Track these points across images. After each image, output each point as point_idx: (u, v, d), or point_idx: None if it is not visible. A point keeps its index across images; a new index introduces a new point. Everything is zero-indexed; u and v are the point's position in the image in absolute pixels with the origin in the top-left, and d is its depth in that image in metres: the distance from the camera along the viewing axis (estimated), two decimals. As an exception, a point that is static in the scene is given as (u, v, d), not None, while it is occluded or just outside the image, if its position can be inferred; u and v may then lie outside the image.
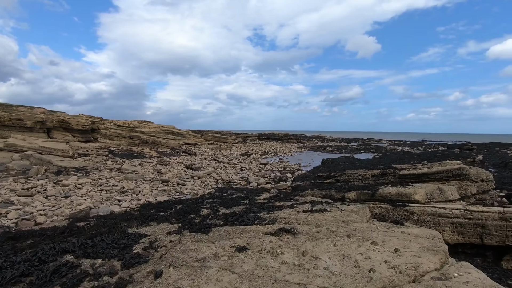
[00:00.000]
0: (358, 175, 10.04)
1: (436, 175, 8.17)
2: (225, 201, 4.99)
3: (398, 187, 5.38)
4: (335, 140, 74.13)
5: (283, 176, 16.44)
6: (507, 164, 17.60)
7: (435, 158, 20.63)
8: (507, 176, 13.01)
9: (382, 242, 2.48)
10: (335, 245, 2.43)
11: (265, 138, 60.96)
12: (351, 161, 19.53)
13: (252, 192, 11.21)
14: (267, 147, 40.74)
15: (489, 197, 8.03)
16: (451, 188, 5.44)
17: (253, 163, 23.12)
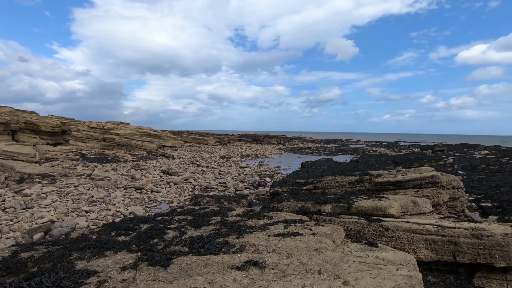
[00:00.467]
0: (335, 182, 10.03)
1: (410, 183, 8.29)
2: (195, 218, 4.68)
3: (374, 199, 5.30)
4: (314, 141, 75.22)
5: (262, 181, 16.27)
6: (475, 167, 18.44)
7: (410, 161, 21.27)
8: (475, 179, 13.55)
9: (354, 280, 2.31)
10: (304, 287, 2.23)
11: (246, 139, 60.71)
12: (330, 164, 19.71)
13: (229, 199, 10.97)
14: (247, 149, 40.50)
15: (460, 203, 8.24)
16: (425, 201, 5.45)
17: (232, 166, 22.79)
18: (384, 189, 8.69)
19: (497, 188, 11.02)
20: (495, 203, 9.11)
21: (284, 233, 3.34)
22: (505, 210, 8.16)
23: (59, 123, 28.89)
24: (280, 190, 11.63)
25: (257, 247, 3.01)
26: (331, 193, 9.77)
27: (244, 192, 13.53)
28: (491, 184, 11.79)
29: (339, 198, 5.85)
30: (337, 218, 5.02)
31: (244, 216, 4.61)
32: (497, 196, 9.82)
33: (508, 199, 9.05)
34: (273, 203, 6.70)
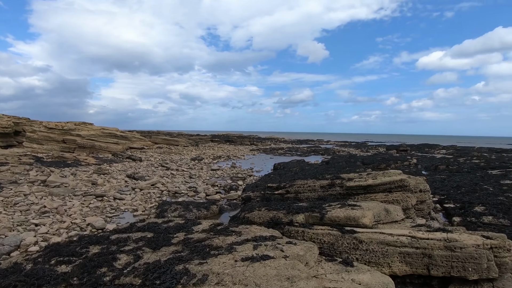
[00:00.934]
0: (307, 186, 9.90)
1: (380, 187, 8.34)
2: (156, 236, 4.19)
3: (347, 208, 5.13)
4: (287, 142, 76.10)
5: (234, 184, 15.85)
6: (437, 168, 19.47)
7: (377, 162, 21.96)
8: (437, 180, 14.18)
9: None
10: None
11: (218, 140, 59.81)
12: (302, 166, 19.78)
13: (198, 206, 10.43)
14: (219, 150, 39.82)
15: (427, 206, 8.44)
16: (396, 208, 5.39)
17: (203, 169, 22.11)
18: (355, 193, 8.70)
19: (458, 189, 11.55)
20: (457, 204, 9.48)
21: (253, 256, 2.99)
22: (466, 211, 8.48)
23: (11, 123, 26.35)
24: (252, 195, 11.32)
25: (221, 277, 2.63)
26: (303, 197, 9.63)
27: (215, 197, 13.03)
28: (452, 185, 12.35)
29: (311, 207, 5.62)
30: (310, 229, 4.78)
31: (210, 232, 4.20)
32: (458, 197, 10.26)
33: (469, 200, 9.46)
34: (244, 212, 6.34)
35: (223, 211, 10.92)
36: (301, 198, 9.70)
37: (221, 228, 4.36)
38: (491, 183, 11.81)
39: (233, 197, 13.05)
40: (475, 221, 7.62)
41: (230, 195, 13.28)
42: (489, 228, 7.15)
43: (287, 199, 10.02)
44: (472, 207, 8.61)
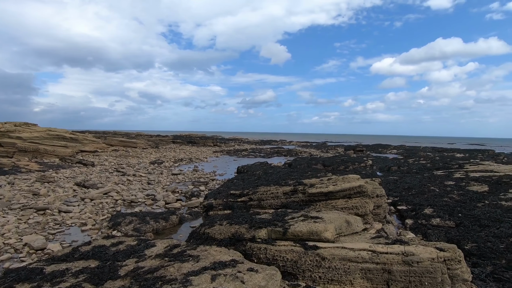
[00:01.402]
0: (270, 193, 9.82)
1: (341, 193, 8.53)
2: (101, 266, 3.69)
3: (309, 221, 5.06)
4: (250, 142, 76.35)
5: (195, 190, 15.28)
6: (390, 169, 20.78)
7: (337, 164, 22.75)
8: (391, 181, 15.05)
9: None
10: None
11: (180, 141, 57.86)
12: (265, 169, 19.81)
13: (156, 217, 9.78)
14: (181, 153, 38.51)
15: (383, 210, 8.83)
16: (357, 219, 5.48)
17: (163, 173, 21.09)
18: (317, 199, 8.82)
19: (409, 190, 12.34)
20: (409, 206, 10.08)
21: (211, 292, 2.72)
22: (417, 214, 9.03)
23: None
24: (214, 203, 10.96)
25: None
26: (266, 205, 9.54)
27: (175, 205, 12.40)
28: (404, 186, 13.18)
29: (274, 220, 5.47)
30: (272, 246, 4.61)
31: (165, 258, 3.81)
32: (409, 198, 10.93)
33: (419, 202, 10.11)
34: (204, 227, 5.99)
35: (183, 221, 10.40)
36: (264, 205, 9.61)
37: (177, 252, 3.99)
38: (437, 184, 12.81)
39: (195, 205, 12.54)
40: (425, 223, 8.11)
41: (191, 203, 12.73)
42: (437, 229, 7.66)
43: (250, 206, 9.86)
44: (422, 209, 9.18)
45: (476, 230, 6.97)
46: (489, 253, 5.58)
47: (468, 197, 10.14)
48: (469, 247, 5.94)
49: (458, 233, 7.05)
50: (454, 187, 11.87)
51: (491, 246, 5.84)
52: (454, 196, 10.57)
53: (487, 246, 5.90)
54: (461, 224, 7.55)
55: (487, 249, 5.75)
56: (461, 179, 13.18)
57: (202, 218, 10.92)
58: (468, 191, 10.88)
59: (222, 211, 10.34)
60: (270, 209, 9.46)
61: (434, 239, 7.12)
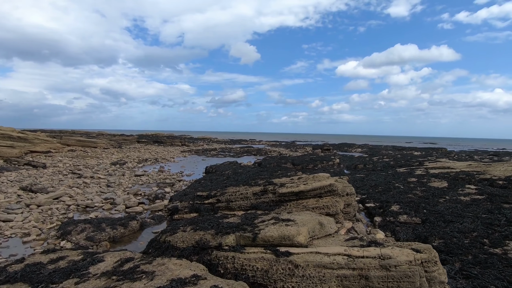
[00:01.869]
0: (239, 194, 9.36)
1: (311, 192, 8.31)
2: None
3: (281, 224, 4.69)
4: (220, 142, 75.27)
5: (160, 192, 14.36)
6: (356, 167, 21.33)
7: (306, 162, 22.89)
8: (358, 179, 15.34)
9: None
10: None
11: (145, 141, 55.23)
12: (234, 169, 19.31)
13: (113, 224, 8.88)
14: (146, 153, 36.64)
15: (353, 208, 8.77)
16: (330, 220, 5.21)
17: (125, 175, 19.72)
18: (288, 199, 8.53)
19: (375, 188, 12.59)
20: (376, 203, 10.20)
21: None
22: (385, 211, 9.11)
23: None
24: (180, 205, 10.25)
25: None
26: (235, 206, 9.06)
27: (136, 209, 11.47)
28: (370, 184, 13.44)
29: (243, 224, 5.03)
30: (241, 254, 4.16)
31: (112, 276, 3.19)
32: (377, 196, 11.11)
33: (386, 199, 10.27)
34: (165, 234, 5.38)
35: (145, 227, 9.59)
36: (233, 207, 9.13)
37: (129, 269, 3.38)
38: (401, 181, 13.23)
39: (159, 208, 11.71)
40: (393, 220, 8.17)
41: (155, 206, 11.87)
42: (405, 226, 7.74)
43: (218, 208, 9.32)
44: (389, 206, 9.30)
45: (441, 226, 7.12)
46: (456, 249, 5.64)
47: (430, 193, 10.50)
48: (437, 244, 5.99)
49: (425, 229, 7.15)
50: (417, 183, 12.31)
51: (457, 242, 5.93)
52: (418, 192, 10.91)
53: (453, 242, 5.99)
54: (427, 220, 7.70)
55: (453, 245, 5.83)
56: (422, 176, 13.75)
57: (166, 222, 10.17)
58: (430, 187, 11.31)
59: (188, 214, 9.69)
60: (239, 210, 9.00)
61: (402, 236, 7.15)
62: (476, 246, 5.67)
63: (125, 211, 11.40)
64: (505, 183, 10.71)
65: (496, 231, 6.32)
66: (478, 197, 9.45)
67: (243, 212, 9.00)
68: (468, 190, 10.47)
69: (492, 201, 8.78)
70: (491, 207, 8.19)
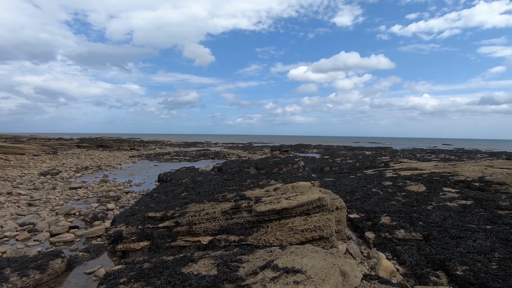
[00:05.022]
0: (205, 214, 7.40)
1: (297, 209, 6.73)
2: None
3: (284, 280, 2.94)
4: (174, 145, 70.92)
5: (101, 210, 11.59)
6: (322, 169, 20.57)
7: (270, 166, 21.42)
8: (329, 183, 14.30)
9: None
10: None
11: (87, 145, 49.10)
12: (193, 176, 17.03)
13: (25, 266, 6.24)
14: (87, 159, 32.01)
15: (343, 225, 7.41)
16: (353, 265, 3.62)
17: (57, 188, 16.16)
18: (267, 219, 6.83)
19: (353, 194, 11.56)
20: (361, 213, 9.04)
21: None
22: (375, 224, 7.94)
23: None
24: (125, 231, 7.91)
25: None
26: (200, 231, 7.08)
27: (65, 237, 8.74)
28: (346, 189, 12.41)
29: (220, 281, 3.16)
30: None
31: None
32: (358, 204, 10.01)
33: (371, 208, 9.19)
34: None
35: (75, 265, 7.06)
36: (197, 231, 7.14)
37: None
38: (376, 185, 12.45)
39: (97, 234, 9.12)
40: (390, 237, 6.98)
41: (92, 231, 9.23)
42: (406, 245, 6.57)
43: (177, 234, 7.25)
44: (379, 218, 8.17)
45: (451, 243, 6.07)
46: (490, 280, 4.51)
47: (413, 199, 9.72)
48: (462, 273, 4.81)
49: (433, 248, 6.02)
50: (394, 187, 11.58)
51: (484, 269, 4.83)
52: (400, 198, 10.08)
53: (478, 268, 4.87)
54: (429, 235, 6.63)
55: (483, 274, 4.70)
56: (395, 179, 13.19)
57: (107, 254, 7.75)
58: (410, 192, 10.59)
59: (137, 243, 7.43)
60: (205, 235, 7.05)
61: (408, 259, 5.93)
62: (511, 275, 4.59)
63: (50, 241, 8.60)
64: (482, 185, 10.44)
65: (519, 250, 5.43)
66: (465, 202, 8.84)
67: (211, 238, 7.06)
68: (450, 194, 9.92)
69: (484, 207, 8.18)
70: (489, 215, 7.50)
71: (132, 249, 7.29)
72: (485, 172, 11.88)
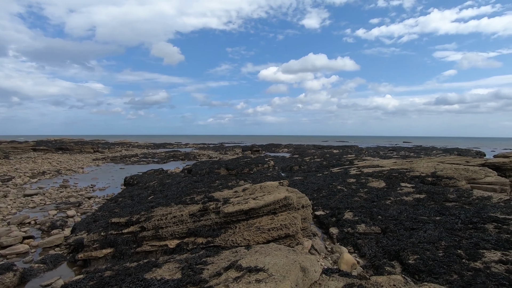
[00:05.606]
0: (172, 217, 7.29)
1: (264, 209, 6.87)
2: None
3: (247, 279, 3.03)
4: (142, 146, 68.41)
5: (60, 218, 10.91)
6: (292, 168, 21.03)
7: (241, 167, 21.51)
8: (298, 182, 14.69)
9: None
10: None
11: (45, 148, 45.75)
12: (161, 179, 16.61)
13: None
14: (45, 163, 29.85)
15: (309, 223, 7.68)
16: (312, 261, 3.79)
17: (9, 195, 14.92)
18: (235, 220, 6.90)
19: (319, 192, 11.98)
20: (326, 210, 9.42)
21: None
22: (339, 220, 8.32)
23: None
24: (87, 239, 7.56)
25: None
26: (167, 234, 6.96)
27: (18, 249, 8.13)
28: (313, 187, 12.83)
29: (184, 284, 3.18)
30: None
31: None
32: (324, 201, 10.41)
33: (336, 205, 9.60)
34: None
35: (29, 277, 6.61)
36: (164, 235, 7.01)
37: None
38: (341, 183, 13.02)
39: (55, 243, 8.58)
40: (352, 231, 7.37)
41: (49, 240, 8.67)
42: (366, 238, 6.98)
43: (142, 239, 7.06)
44: (342, 214, 8.57)
45: (405, 235, 6.57)
46: (437, 267, 4.97)
47: (374, 195, 10.32)
48: (414, 261, 5.24)
49: (389, 240, 6.48)
50: (357, 184, 12.19)
51: (432, 257, 5.30)
52: (362, 194, 10.64)
53: (428, 257, 5.34)
54: (387, 229, 7.11)
55: (431, 261, 5.16)
56: (359, 176, 13.88)
57: (67, 264, 7.34)
58: (371, 188, 11.22)
59: (99, 250, 7.11)
60: (172, 239, 6.95)
61: (368, 252, 6.32)
62: (454, 261, 5.10)
63: (0, 254, 7.94)
64: (434, 179, 11.37)
65: (462, 238, 6.02)
66: (419, 196, 9.57)
67: (178, 241, 6.98)
68: (406, 189, 10.67)
69: (435, 200, 8.93)
70: (438, 207, 8.21)
71: (94, 257, 6.97)
72: (437, 168, 12.94)
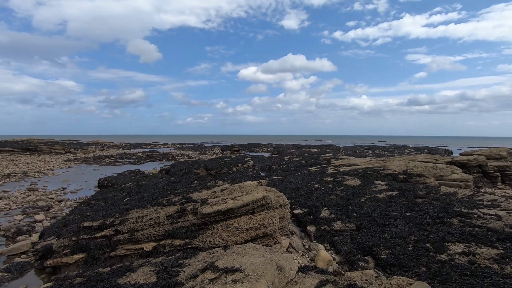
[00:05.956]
0: (148, 219, 7.13)
1: (242, 209, 6.88)
2: None
3: (223, 280, 3.03)
4: (117, 147, 66.13)
5: (27, 223, 10.31)
6: (271, 168, 21.20)
7: (220, 167, 21.38)
8: (277, 181, 14.83)
9: None
10: None
11: (11, 149, 42.98)
12: (138, 180, 16.15)
13: None
14: (10, 165, 28.06)
15: (287, 221, 7.78)
16: (288, 259, 3.84)
17: (-31, 201, 13.88)
18: (213, 221, 6.85)
19: (297, 191, 12.17)
20: (304, 209, 9.58)
21: None
22: (316, 218, 8.50)
23: None
24: (56, 244, 7.21)
25: None
26: (143, 238, 6.79)
27: (-21, 258, 7.58)
28: (291, 187, 13.00)
29: (156, 285, 3.12)
30: None
31: None
32: (302, 200, 10.58)
33: (313, 203, 9.79)
34: None
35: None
36: (140, 238, 6.83)
37: None
38: (319, 181, 13.29)
39: (22, 250, 8.10)
40: (328, 229, 7.56)
41: (14, 247, 8.17)
42: (342, 235, 7.18)
43: (117, 243, 6.84)
44: (319, 212, 8.76)
45: (378, 231, 6.83)
46: (407, 260, 5.22)
47: (350, 193, 10.63)
48: (386, 256, 5.47)
49: (363, 237, 6.71)
50: (334, 183, 12.51)
51: (403, 251, 5.56)
52: (338, 192, 10.93)
53: (399, 251, 5.60)
54: (361, 225, 7.36)
55: (401, 255, 5.41)
56: (335, 174, 14.25)
57: (34, 272, 6.96)
58: (347, 186, 11.56)
59: (70, 256, 6.81)
60: (148, 242, 6.77)
61: (343, 248, 6.51)
62: (422, 254, 5.38)
63: (-42, 264, 7.38)
64: (405, 177, 11.91)
65: (429, 232, 6.35)
66: (391, 193, 9.99)
67: (155, 244, 6.82)
68: (380, 186, 11.10)
69: (406, 196, 9.36)
70: (409, 203, 8.61)
71: (65, 263, 6.66)
72: (408, 166, 13.57)
